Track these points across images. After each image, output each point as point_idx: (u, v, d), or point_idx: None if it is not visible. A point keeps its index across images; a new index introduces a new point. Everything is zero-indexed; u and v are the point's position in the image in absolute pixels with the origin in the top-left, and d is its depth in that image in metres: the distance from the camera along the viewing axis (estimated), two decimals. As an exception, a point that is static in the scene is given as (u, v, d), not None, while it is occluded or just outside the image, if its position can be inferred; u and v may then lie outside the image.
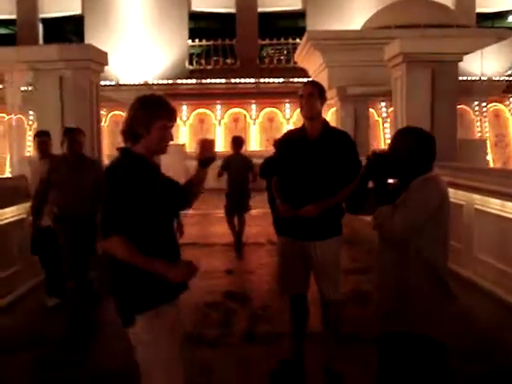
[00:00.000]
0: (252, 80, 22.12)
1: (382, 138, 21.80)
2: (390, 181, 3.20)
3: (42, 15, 24.44)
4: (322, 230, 4.32)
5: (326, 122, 4.51)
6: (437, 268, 2.95)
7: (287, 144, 4.56)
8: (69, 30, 24.68)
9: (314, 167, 4.30)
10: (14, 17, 24.26)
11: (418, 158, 2.99)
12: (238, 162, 9.53)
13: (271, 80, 22.10)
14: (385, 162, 3.04)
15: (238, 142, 9.73)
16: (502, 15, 25.07)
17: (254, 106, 22.87)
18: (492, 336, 5.49)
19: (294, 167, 4.41)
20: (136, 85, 21.13)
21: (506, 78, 22.33)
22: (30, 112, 19.10)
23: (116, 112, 21.27)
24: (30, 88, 10.49)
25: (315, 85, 4.48)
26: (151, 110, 3.02)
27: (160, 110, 3.04)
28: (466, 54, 9.53)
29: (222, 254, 9.49)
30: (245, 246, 9.64)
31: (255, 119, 22.94)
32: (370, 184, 3.12)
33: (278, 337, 5.36)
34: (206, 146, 3.38)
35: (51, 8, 24.12)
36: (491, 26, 24.19)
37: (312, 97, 4.33)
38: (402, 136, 3.12)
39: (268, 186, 4.99)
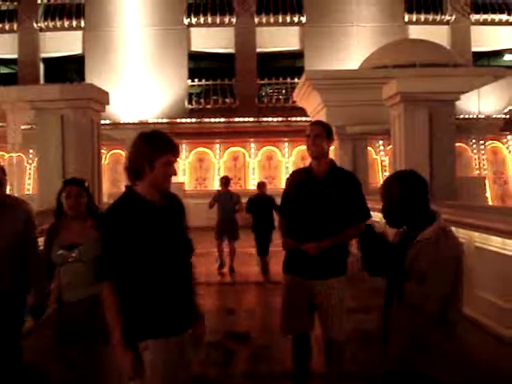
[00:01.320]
0: (251, 119, 22.31)
1: (381, 176, 21.88)
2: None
3: (43, 55, 24.75)
4: (326, 269, 4.32)
5: (332, 162, 4.54)
6: (450, 319, 2.93)
7: (295, 183, 4.57)
8: (69, 69, 24.97)
9: (320, 206, 4.33)
10: (15, 56, 24.58)
11: (408, 203, 2.95)
12: (226, 197, 11.98)
13: (270, 119, 22.29)
14: (375, 235, 2.96)
15: (225, 180, 12.26)
16: (497, 54, 25.42)
17: (253, 145, 23.00)
18: (495, 375, 5.43)
19: (301, 206, 4.43)
20: (135, 123, 21.28)
21: (503, 116, 22.54)
22: (30, 150, 19.21)
23: (116, 150, 21.37)
24: (29, 126, 10.57)
25: (322, 125, 4.51)
26: (154, 145, 3.02)
27: (163, 145, 3.05)
28: (463, 93, 9.64)
29: (222, 293, 9.44)
30: (244, 285, 9.62)
31: (254, 158, 23.05)
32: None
33: (280, 377, 5.30)
34: None
35: (52, 48, 24.45)
36: (487, 64, 24.52)
37: (319, 137, 4.38)
38: (387, 185, 3.05)
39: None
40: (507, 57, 25.33)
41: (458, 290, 2.96)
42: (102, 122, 11.45)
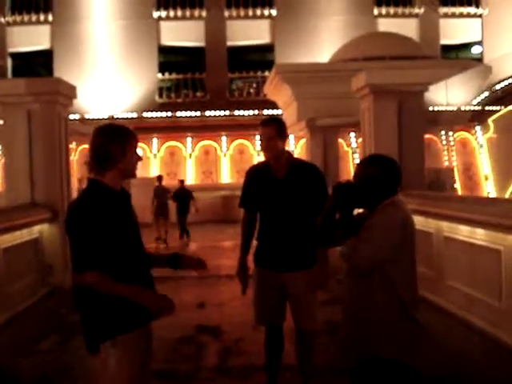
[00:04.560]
0: (222, 113, 22.26)
1: (352, 168, 22.00)
2: (359, 210, 3.21)
3: (10, 49, 24.39)
4: (296, 262, 4.33)
5: (291, 158, 4.47)
6: (401, 294, 2.95)
7: (255, 182, 4.54)
8: (38, 64, 24.59)
9: (283, 206, 4.32)
10: (-19, 51, 24.15)
11: (382, 184, 3.02)
12: (159, 191, 15.71)
13: (241, 112, 22.26)
14: (350, 192, 3.04)
15: (159, 178, 16.14)
16: (465, 47, 25.71)
17: (224, 139, 22.95)
18: (464, 361, 5.50)
19: (265, 207, 4.44)
20: (104, 118, 21.07)
21: (472, 108, 22.82)
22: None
23: (86, 145, 21.12)
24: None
25: (273, 125, 4.35)
26: (122, 133, 3.11)
27: (127, 133, 3.14)
28: (432, 84, 9.69)
29: (193, 287, 9.39)
30: (215, 278, 9.60)
31: (226, 151, 23.01)
32: (337, 215, 3.12)
33: (251, 370, 5.30)
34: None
35: (20, 42, 24.10)
36: (455, 57, 24.79)
37: (272, 139, 4.29)
38: (364, 165, 3.14)
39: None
40: (475, 49, 25.62)
41: (409, 270, 3.02)
42: (71, 116, 11.35)
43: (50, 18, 24.02)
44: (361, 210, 3.25)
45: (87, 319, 3.03)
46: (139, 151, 3.25)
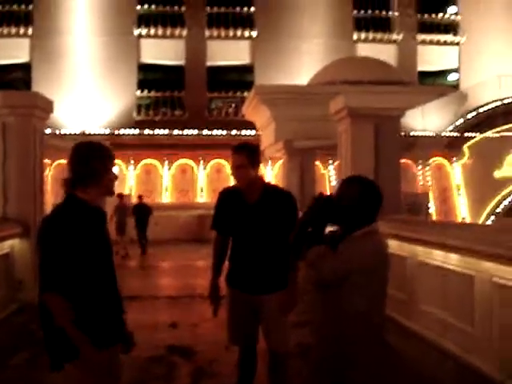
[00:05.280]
0: (200, 132, 22.26)
1: (328, 190, 22.09)
2: (332, 228, 3.20)
3: (-13, 62, 24.16)
4: (268, 285, 4.31)
5: (263, 183, 4.44)
6: (369, 316, 2.94)
7: (227, 205, 4.49)
8: (16, 77, 24.37)
9: (255, 230, 4.30)
10: (-42, 64, 23.90)
11: (363, 206, 3.00)
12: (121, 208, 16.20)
13: (219, 132, 22.28)
14: (329, 206, 3.02)
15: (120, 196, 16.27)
16: (442, 73, 26.11)
17: (201, 158, 22.92)
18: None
19: (235, 229, 4.42)
20: (78, 134, 20.96)
21: (447, 134, 23.13)
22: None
23: (61, 161, 20.91)
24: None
25: (244, 152, 4.24)
26: (105, 152, 3.12)
27: (109, 151, 3.16)
28: (409, 109, 9.80)
29: (166, 307, 9.29)
30: (189, 298, 9.50)
31: (203, 171, 22.98)
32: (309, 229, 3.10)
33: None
34: None
35: (-2, 55, 23.91)
36: (432, 83, 25.12)
37: (243, 167, 4.22)
38: (349, 183, 3.12)
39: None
40: (451, 76, 26.02)
41: (377, 295, 3.01)
42: (48, 131, 11.22)
43: (30, 31, 23.88)
44: (332, 228, 3.23)
45: (50, 338, 2.97)
46: (115, 169, 3.24)
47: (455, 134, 23.31)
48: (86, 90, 23.10)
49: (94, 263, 3.00)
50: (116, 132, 22.05)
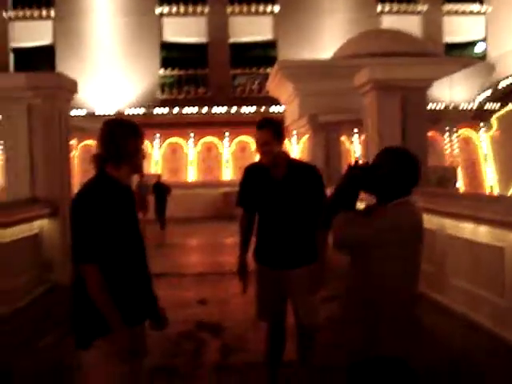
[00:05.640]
0: (224, 109, 22.21)
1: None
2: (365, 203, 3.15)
3: (12, 45, 24.38)
4: (296, 259, 4.30)
5: (288, 159, 4.41)
6: (399, 289, 2.89)
7: (252, 181, 4.48)
8: (40, 59, 24.51)
9: (282, 206, 4.29)
10: (-17, 47, 24.14)
11: (399, 176, 2.93)
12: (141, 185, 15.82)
13: (243, 109, 22.21)
14: (363, 174, 2.97)
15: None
16: (469, 44, 25.62)
17: (226, 135, 22.89)
18: (466, 360, 5.45)
19: (261, 206, 4.40)
20: (109, 115, 21.03)
21: (475, 105, 22.74)
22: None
23: (87, 142, 21.07)
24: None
25: (268, 128, 4.21)
26: (134, 129, 3.11)
27: (138, 128, 3.14)
28: (435, 80, 9.64)
29: (195, 284, 9.35)
30: (218, 275, 9.56)
31: (228, 148, 22.96)
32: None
33: (251, 367, 5.25)
34: None
35: (22, 38, 24.09)
36: (459, 55, 24.67)
37: (267, 143, 4.19)
38: (388, 154, 3.04)
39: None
40: (478, 47, 25.53)
41: (412, 268, 2.94)
42: (73, 112, 11.28)
43: (53, 13, 23.98)
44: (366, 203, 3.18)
45: (81, 314, 2.98)
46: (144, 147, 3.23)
47: (483, 106, 22.91)
48: (110, 70, 23.17)
49: (124, 239, 3.01)
50: (141, 111, 22.08)
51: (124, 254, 3.00)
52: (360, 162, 3.06)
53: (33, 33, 24.04)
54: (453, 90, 21.02)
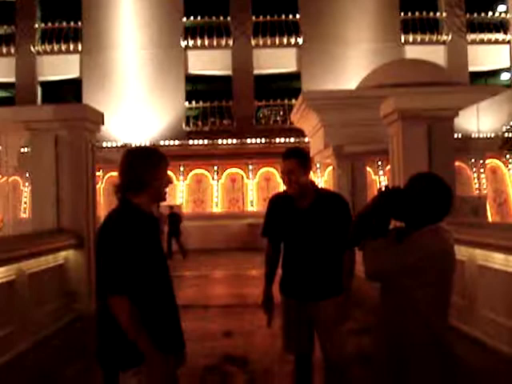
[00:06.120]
0: (249, 140, 22.30)
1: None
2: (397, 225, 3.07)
3: (40, 78, 24.87)
4: (323, 291, 4.23)
5: (315, 188, 4.35)
6: (432, 327, 2.79)
7: (278, 211, 4.41)
8: (67, 92, 24.99)
9: (308, 236, 4.22)
10: (13, 80, 24.71)
11: (431, 203, 2.86)
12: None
13: (267, 140, 22.27)
14: (397, 198, 2.89)
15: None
16: (494, 73, 25.50)
17: (251, 167, 22.94)
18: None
19: (287, 236, 4.34)
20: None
21: (502, 134, 22.54)
22: (27, 174, 19.10)
23: (113, 173, 21.23)
24: (27, 149, 10.47)
25: (294, 158, 4.18)
26: (155, 158, 3.08)
27: (160, 156, 3.11)
28: (461, 109, 9.54)
29: (219, 316, 9.25)
30: (242, 307, 9.46)
31: (253, 179, 22.99)
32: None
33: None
34: None
35: (50, 71, 24.61)
36: (484, 83, 24.56)
37: (293, 173, 4.14)
38: (421, 179, 2.97)
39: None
40: (503, 76, 25.39)
41: (444, 297, 2.85)
42: (99, 144, 11.38)
43: (80, 47, 24.45)
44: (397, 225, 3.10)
45: (109, 345, 2.94)
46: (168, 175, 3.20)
47: (510, 135, 22.70)
48: (136, 103, 23.47)
49: (152, 268, 2.97)
50: (166, 143, 22.27)
51: (152, 284, 2.96)
52: (391, 187, 2.99)
53: (60, 66, 24.51)
54: (480, 120, 20.87)
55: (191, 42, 24.51)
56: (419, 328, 2.78)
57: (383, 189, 2.96)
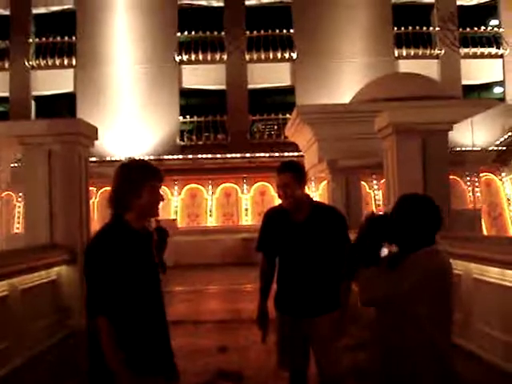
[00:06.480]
0: (243, 155, 22.30)
1: (374, 210, 21.82)
2: (390, 249, 3.04)
3: (34, 93, 24.86)
4: (318, 307, 4.19)
5: (311, 201, 4.33)
6: (436, 344, 2.74)
7: (273, 225, 4.38)
8: (61, 107, 24.96)
9: (304, 250, 4.18)
10: (6, 94, 24.68)
11: (422, 225, 2.83)
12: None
13: (262, 155, 22.27)
14: (382, 225, 2.86)
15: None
16: (487, 87, 25.63)
17: (245, 181, 22.93)
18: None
19: (283, 250, 4.30)
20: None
21: (495, 148, 22.62)
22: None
23: (107, 188, 21.16)
24: (20, 164, 10.40)
25: (289, 171, 4.16)
26: (138, 173, 2.98)
27: (146, 172, 3.01)
28: (455, 123, 9.55)
29: (213, 332, 9.18)
30: (237, 323, 9.38)
31: (247, 194, 22.96)
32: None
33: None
34: None
35: (44, 86, 24.63)
36: (478, 97, 24.67)
37: (288, 186, 4.12)
38: (407, 202, 2.95)
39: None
40: (497, 89, 25.51)
41: (444, 313, 2.81)
42: (93, 159, 11.33)
43: (74, 62, 24.47)
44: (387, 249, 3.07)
45: (95, 365, 2.89)
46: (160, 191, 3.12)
47: (503, 148, 22.77)
48: (130, 117, 23.47)
49: (139, 287, 2.91)
50: (160, 157, 22.24)
51: (139, 303, 2.90)
52: (376, 213, 2.97)
53: (54, 81, 24.52)
54: (474, 134, 20.93)
55: (185, 57, 24.56)
56: (422, 345, 2.74)
57: (369, 216, 2.92)
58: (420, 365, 2.73)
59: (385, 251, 2.99)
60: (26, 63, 24.48)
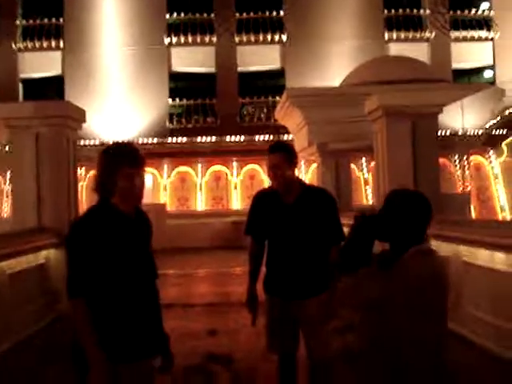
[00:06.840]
0: (233, 138, 22.24)
1: (364, 193, 21.87)
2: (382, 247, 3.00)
3: (22, 76, 24.59)
4: (307, 289, 4.18)
5: (301, 185, 4.30)
6: (428, 350, 2.72)
7: (263, 207, 4.36)
8: (49, 90, 24.71)
9: (294, 232, 4.16)
10: (-7, 77, 24.36)
11: (413, 221, 2.78)
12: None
13: (252, 138, 22.21)
14: (371, 224, 2.82)
15: None
16: (477, 70, 25.62)
17: (235, 164, 22.87)
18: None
19: (272, 233, 4.28)
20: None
21: (485, 132, 22.65)
22: (8, 172, 18.89)
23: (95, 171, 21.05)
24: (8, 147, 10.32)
25: (280, 152, 4.16)
26: (113, 159, 2.92)
27: (122, 157, 2.93)
28: (445, 105, 9.55)
29: (204, 315, 9.19)
30: (226, 306, 9.40)
31: (237, 177, 22.92)
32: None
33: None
34: None
35: (31, 69, 24.34)
36: (468, 81, 24.71)
37: (279, 167, 4.11)
38: (397, 198, 2.90)
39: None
40: (487, 73, 25.51)
41: (439, 320, 2.78)
42: (82, 142, 11.27)
43: (61, 44, 24.22)
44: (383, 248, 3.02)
45: (76, 349, 2.86)
46: (147, 177, 3.07)
47: (492, 132, 22.81)
48: (119, 100, 23.29)
49: (122, 270, 2.88)
50: (149, 141, 22.13)
51: (121, 287, 2.87)
52: (366, 212, 2.89)
53: (42, 63, 24.26)
54: (464, 117, 20.95)
55: (174, 39, 24.35)
56: (415, 353, 2.71)
57: (360, 216, 2.86)
58: (412, 359, 2.71)
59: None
60: (13, 45, 24.17)
